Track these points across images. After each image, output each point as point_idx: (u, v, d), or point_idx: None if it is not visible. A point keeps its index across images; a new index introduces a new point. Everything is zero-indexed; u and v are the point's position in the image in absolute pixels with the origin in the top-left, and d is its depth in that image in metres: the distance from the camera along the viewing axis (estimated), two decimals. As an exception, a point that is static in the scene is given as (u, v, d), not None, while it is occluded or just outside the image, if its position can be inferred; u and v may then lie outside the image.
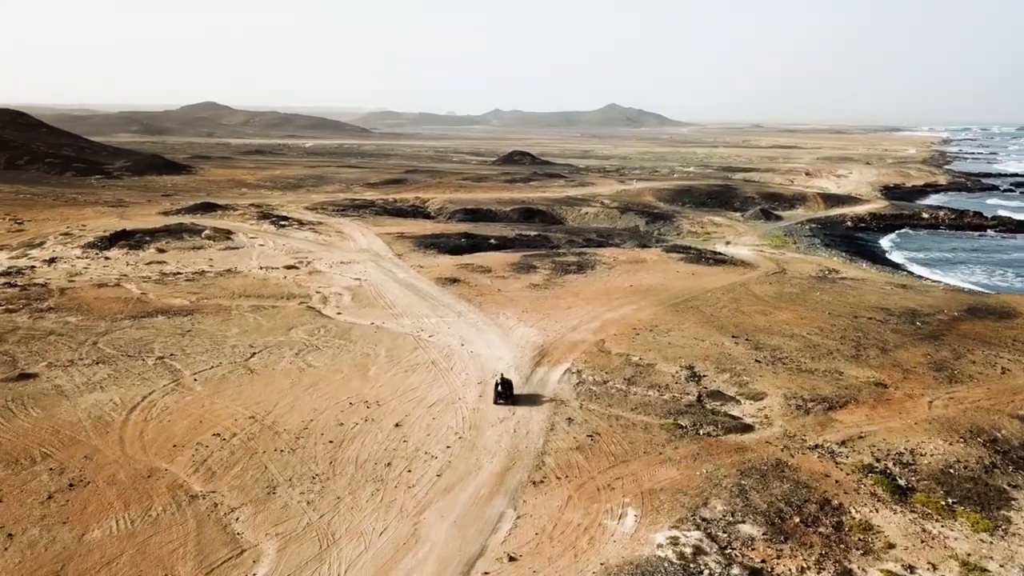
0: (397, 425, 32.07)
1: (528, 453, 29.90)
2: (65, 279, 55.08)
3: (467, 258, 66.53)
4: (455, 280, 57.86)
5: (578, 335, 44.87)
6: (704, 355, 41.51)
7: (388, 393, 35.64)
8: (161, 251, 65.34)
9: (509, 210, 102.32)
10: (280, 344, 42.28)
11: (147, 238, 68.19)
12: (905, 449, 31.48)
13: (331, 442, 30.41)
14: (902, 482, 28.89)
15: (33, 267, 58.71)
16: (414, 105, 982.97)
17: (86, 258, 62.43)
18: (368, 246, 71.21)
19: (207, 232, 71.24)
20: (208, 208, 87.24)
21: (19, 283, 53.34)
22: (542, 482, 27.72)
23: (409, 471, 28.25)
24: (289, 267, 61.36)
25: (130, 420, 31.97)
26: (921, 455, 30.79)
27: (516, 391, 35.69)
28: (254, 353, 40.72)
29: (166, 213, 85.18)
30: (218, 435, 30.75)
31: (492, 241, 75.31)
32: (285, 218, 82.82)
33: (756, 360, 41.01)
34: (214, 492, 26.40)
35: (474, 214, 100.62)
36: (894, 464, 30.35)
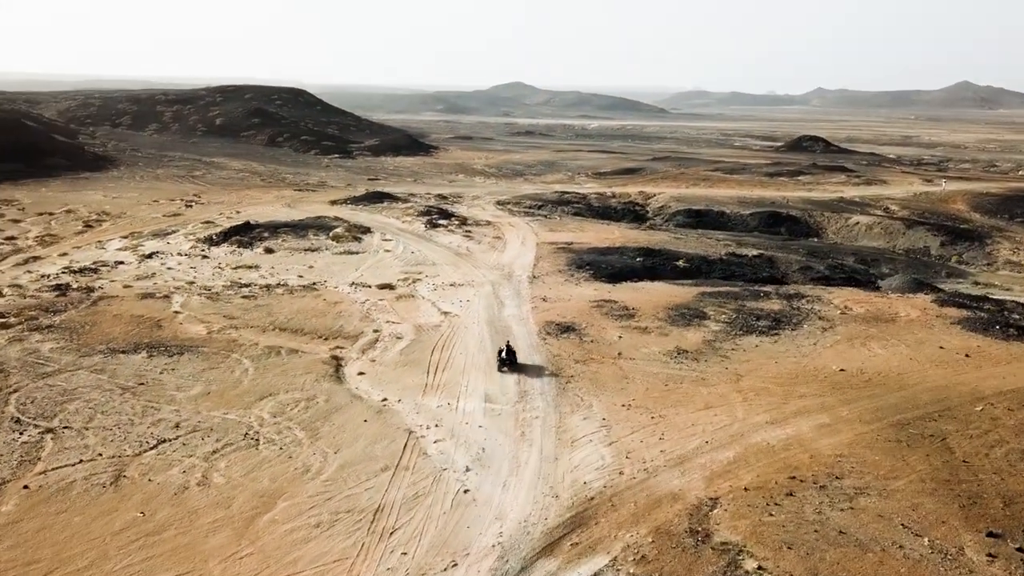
0: None
1: None
2: (122, 284, 47.02)
3: (621, 289, 47.88)
4: (569, 329, 40.04)
5: (678, 478, 25.30)
6: (905, 581, 19.99)
7: (236, 581, 20.11)
8: (268, 251, 55.82)
9: (748, 214, 79.85)
10: (217, 428, 28.59)
11: (265, 234, 59.34)
12: None
13: None
14: None
15: (120, 263, 52.07)
16: (729, 85, 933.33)
17: (187, 255, 54.80)
18: (511, 261, 55.44)
19: (337, 231, 60.67)
20: (378, 198, 77.58)
21: (74, 285, 46.26)
22: None
23: None
24: (384, 286, 48.00)
25: None
26: None
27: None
28: (162, 442, 27.47)
29: (334, 202, 77.02)
30: None
31: (680, 264, 55.27)
32: (449, 215, 70.03)
33: (1025, 625, 18.55)
34: None
35: (699, 217, 79.90)
36: None
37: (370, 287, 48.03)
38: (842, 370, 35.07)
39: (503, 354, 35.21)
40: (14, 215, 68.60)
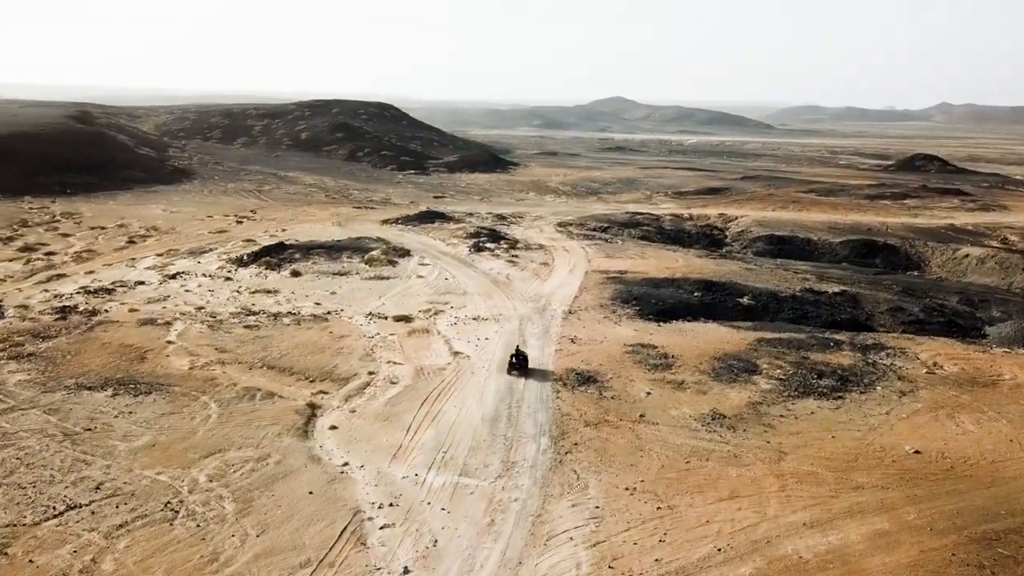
0: None
1: None
2: (129, 308, 44.49)
3: (666, 331, 41.72)
4: (591, 379, 34.40)
5: (668, 604, 19.40)
6: None
7: None
8: (295, 275, 52.57)
9: (838, 242, 71.58)
10: (139, 493, 24.62)
11: (296, 255, 56.17)
12: None
13: None
14: None
15: (140, 283, 49.86)
16: (844, 99, 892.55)
17: (211, 276, 52.21)
18: (551, 291, 50.08)
19: (372, 254, 56.92)
20: (430, 218, 73.73)
21: (80, 307, 44.10)
22: None
23: None
24: (401, 318, 43.67)
25: None
26: None
27: None
28: (72, 508, 23.71)
29: (385, 221, 73.69)
30: None
31: (744, 300, 48.45)
32: (499, 238, 65.31)
33: None
34: None
35: (782, 244, 72.23)
36: None
37: (386, 319, 43.76)
38: (917, 452, 27.99)
39: (514, 358, 35.09)
40: (68, 228, 68.49)
